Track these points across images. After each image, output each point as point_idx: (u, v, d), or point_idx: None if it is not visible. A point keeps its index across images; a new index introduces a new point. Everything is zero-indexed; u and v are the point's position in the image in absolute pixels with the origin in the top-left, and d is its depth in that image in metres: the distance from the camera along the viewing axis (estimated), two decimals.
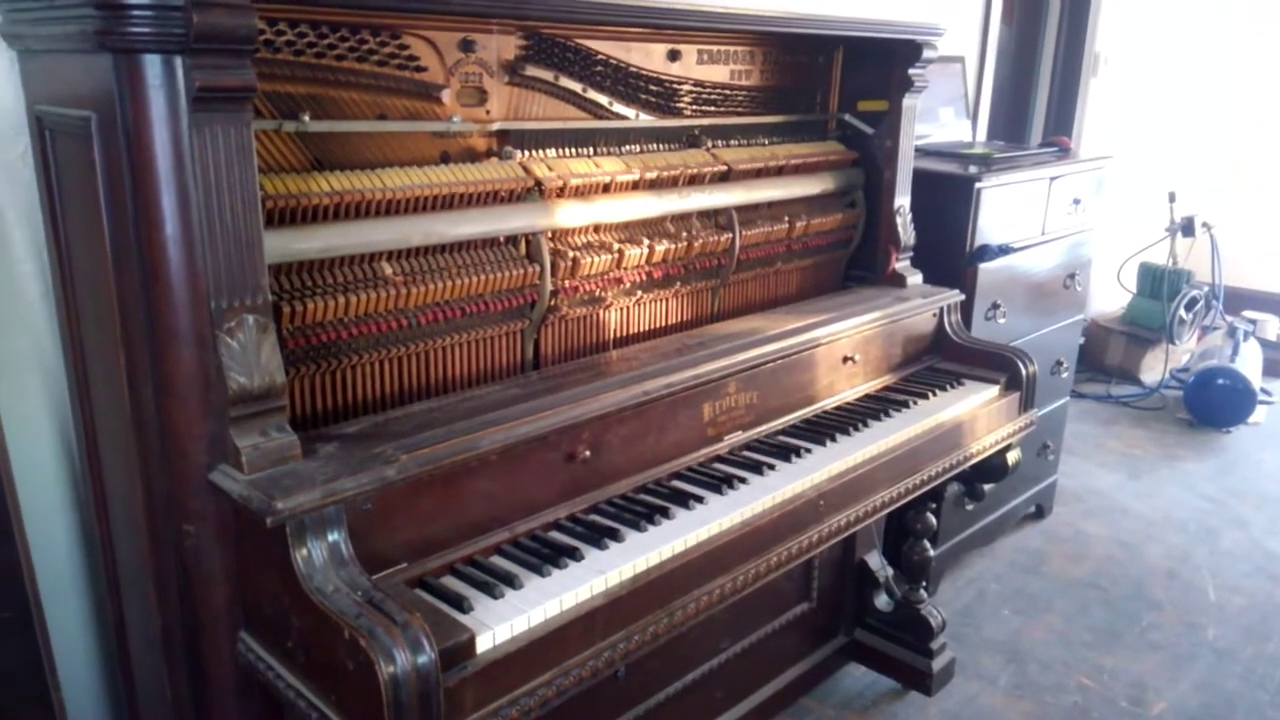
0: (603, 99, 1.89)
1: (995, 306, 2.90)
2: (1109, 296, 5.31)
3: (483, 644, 1.26)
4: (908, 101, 2.32)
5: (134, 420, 1.34)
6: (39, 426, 1.66)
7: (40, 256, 1.60)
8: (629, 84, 1.94)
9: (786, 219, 2.21)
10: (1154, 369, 5.08)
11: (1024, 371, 2.30)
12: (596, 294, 1.86)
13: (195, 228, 1.21)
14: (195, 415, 1.28)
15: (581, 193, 1.80)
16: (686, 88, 2.06)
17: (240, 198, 1.23)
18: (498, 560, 1.45)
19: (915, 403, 2.14)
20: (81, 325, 1.49)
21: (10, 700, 1.42)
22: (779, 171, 2.21)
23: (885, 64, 2.31)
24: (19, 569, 1.40)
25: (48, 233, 1.51)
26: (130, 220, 1.23)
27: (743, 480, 1.73)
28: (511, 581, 1.37)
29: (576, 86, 1.83)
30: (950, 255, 2.75)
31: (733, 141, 2.17)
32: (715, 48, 2.10)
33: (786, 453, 1.85)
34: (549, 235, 1.75)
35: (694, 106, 2.09)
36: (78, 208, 1.39)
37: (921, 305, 2.32)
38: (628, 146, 1.95)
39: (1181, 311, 4.90)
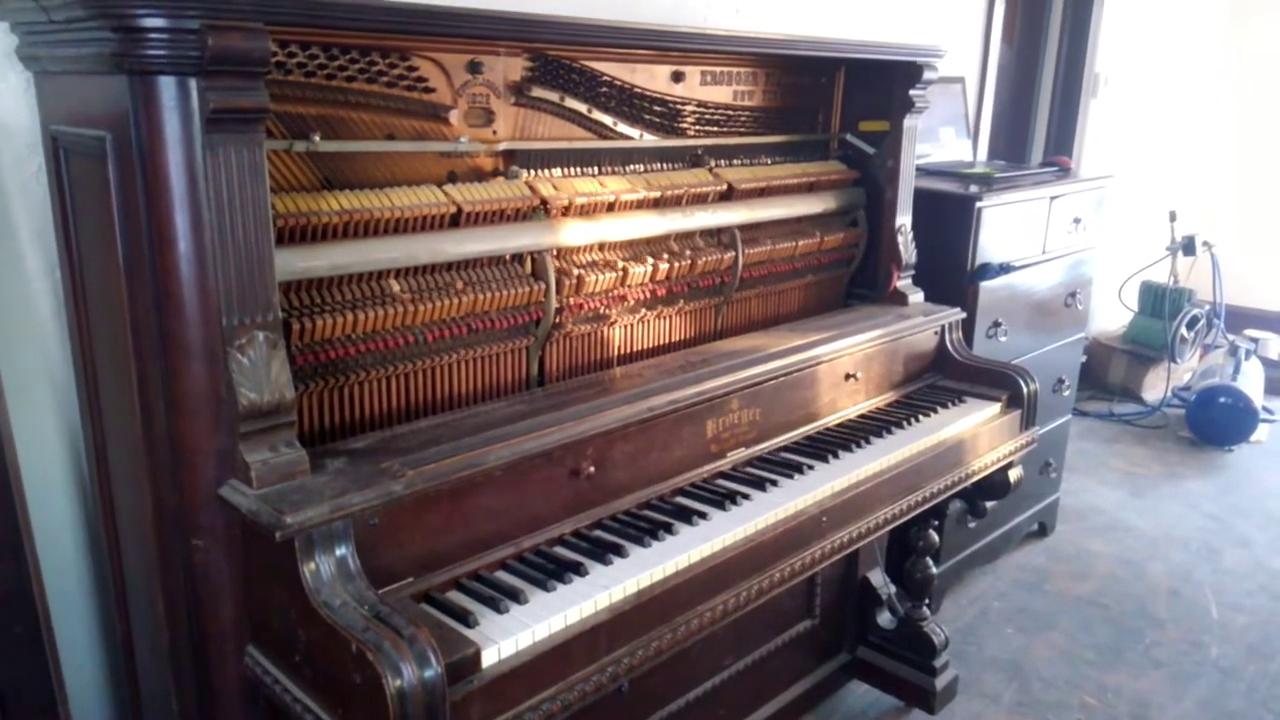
0: (607, 119, 1.91)
1: (996, 325, 2.91)
2: (1110, 315, 5.32)
3: (488, 658, 1.27)
4: (909, 122, 2.35)
5: (144, 435, 1.36)
6: (49, 442, 1.68)
7: (53, 274, 1.62)
8: (633, 105, 1.97)
9: (789, 238, 2.23)
10: (1156, 387, 5.09)
11: (1025, 389, 2.31)
12: (601, 311, 1.88)
13: (208, 246, 1.23)
14: (205, 430, 1.30)
15: (586, 212, 1.82)
16: (690, 108, 2.08)
17: (252, 216, 1.25)
18: (503, 575, 1.47)
19: (917, 420, 2.15)
20: (93, 341, 1.51)
21: (19, 713, 1.42)
22: (781, 191, 2.23)
23: (886, 85, 2.33)
24: (28, 583, 1.41)
25: (60, 250, 1.53)
26: (144, 238, 1.25)
27: (746, 496, 1.74)
28: (517, 596, 1.38)
29: (582, 107, 1.86)
30: (951, 274, 2.77)
31: (735, 161, 2.19)
32: (718, 69, 2.12)
33: (789, 469, 1.86)
34: (554, 253, 1.77)
35: (697, 127, 2.11)
36: (91, 226, 1.41)
37: (923, 323, 2.33)
38: (632, 166, 1.97)
39: (1183, 330, 4.92)
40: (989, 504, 2.49)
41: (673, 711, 2.13)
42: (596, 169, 1.90)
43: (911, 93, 2.30)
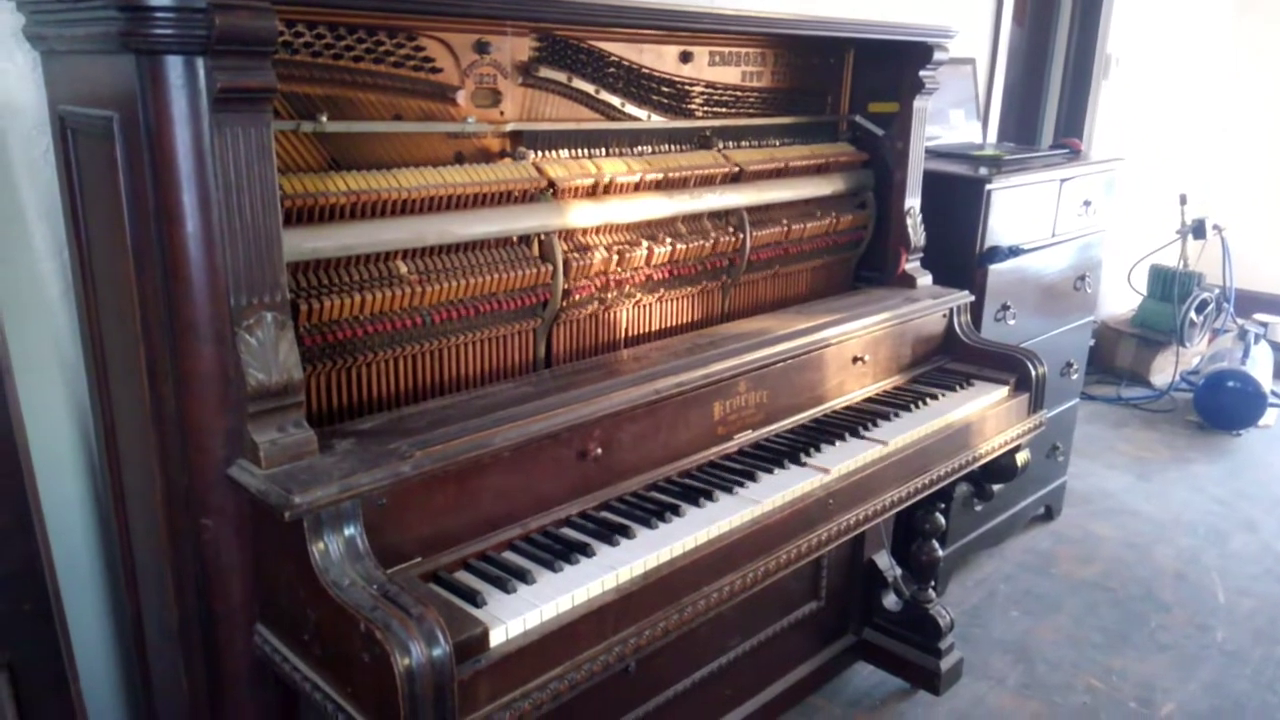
0: (615, 100, 1.91)
1: (1005, 308, 2.90)
2: (1119, 299, 5.30)
3: (496, 638, 1.27)
4: (919, 103, 2.33)
5: (153, 415, 1.36)
6: (59, 422, 1.68)
7: (61, 254, 1.62)
8: (641, 85, 1.95)
9: (797, 220, 2.22)
10: (1164, 371, 5.07)
11: (1033, 373, 2.30)
12: (608, 293, 1.88)
13: (215, 226, 1.23)
14: (214, 411, 1.30)
15: (594, 193, 1.82)
16: (698, 89, 2.07)
17: (260, 197, 1.25)
18: (510, 556, 1.47)
19: (925, 403, 2.15)
20: (101, 322, 1.52)
21: (29, 690, 1.43)
22: (789, 172, 2.22)
23: (896, 66, 2.32)
24: (38, 562, 1.42)
25: (68, 231, 1.53)
26: (151, 218, 1.25)
27: (753, 478, 1.75)
28: (524, 576, 1.39)
29: (589, 88, 1.85)
30: (960, 256, 2.76)
31: (744, 143, 2.18)
32: (727, 49, 2.11)
33: (796, 451, 1.86)
34: (561, 235, 1.77)
35: (705, 108, 2.10)
36: (99, 206, 1.41)
37: (931, 306, 2.33)
38: (640, 148, 1.96)
39: (1192, 314, 4.89)
40: (996, 487, 2.49)
41: (679, 691, 2.14)
42: (604, 150, 1.89)
43: (921, 74, 2.28)
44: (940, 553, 2.57)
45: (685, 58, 2.03)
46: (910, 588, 2.61)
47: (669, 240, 1.94)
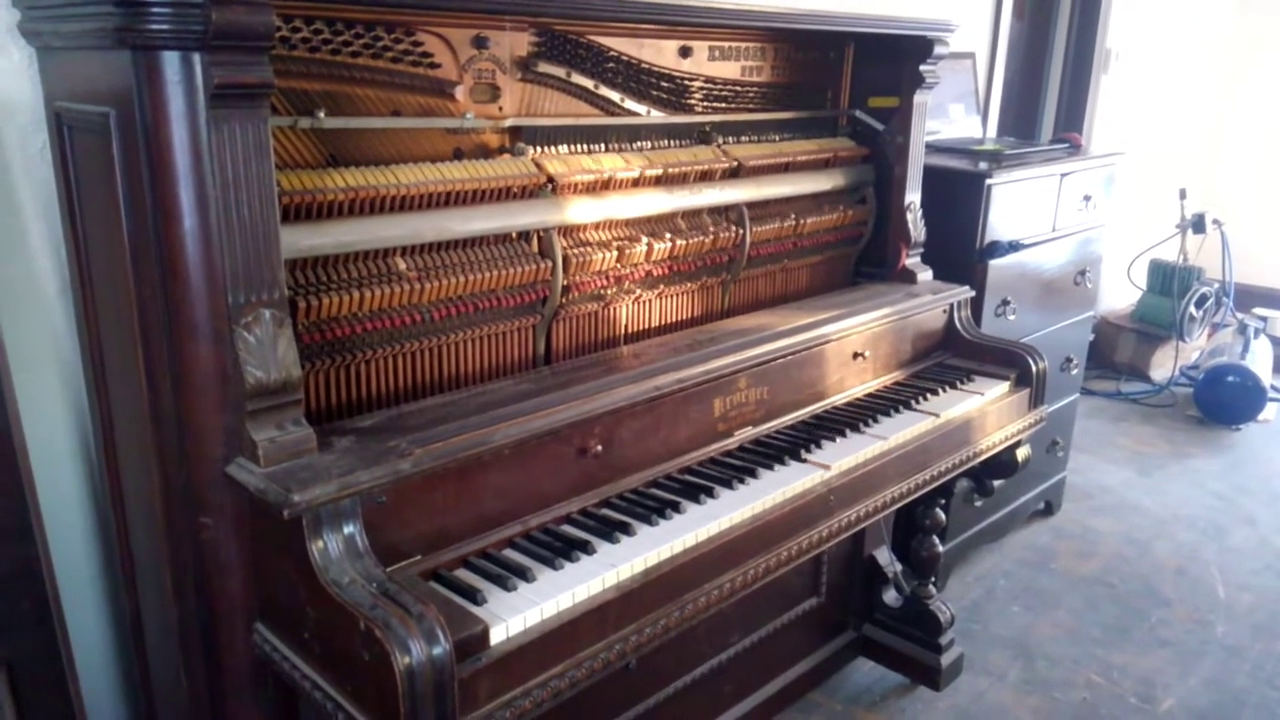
0: (614, 95, 1.90)
1: (1005, 303, 2.90)
2: (1119, 293, 5.29)
3: (496, 636, 1.27)
4: (919, 98, 2.32)
5: (151, 414, 1.35)
6: (57, 421, 1.68)
7: (58, 252, 1.61)
8: (640, 80, 1.95)
9: (797, 215, 2.21)
10: (1164, 366, 5.07)
11: (1034, 368, 2.30)
12: (608, 289, 1.87)
13: (213, 223, 1.23)
14: (212, 409, 1.29)
15: (593, 189, 1.81)
16: (698, 84, 2.06)
17: (257, 193, 1.25)
18: (510, 553, 1.47)
19: (925, 399, 2.14)
20: (99, 320, 1.51)
21: (28, 690, 1.43)
22: (789, 168, 2.21)
23: (897, 60, 2.31)
24: (37, 562, 1.41)
25: (65, 228, 1.52)
26: (148, 215, 1.24)
27: (753, 475, 1.74)
28: (524, 574, 1.38)
29: (588, 83, 1.84)
30: (960, 252, 2.75)
31: (743, 138, 2.17)
32: (727, 44, 2.10)
33: (797, 448, 1.85)
34: (561, 231, 1.76)
35: (705, 103, 2.09)
36: (96, 203, 1.40)
37: (931, 302, 2.32)
38: (639, 143, 1.96)
39: (1192, 308, 4.89)
40: (996, 482, 2.49)
41: (679, 688, 2.14)
42: (603, 146, 1.89)
43: (922, 68, 2.28)
44: (940, 548, 2.57)
45: (685, 53, 2.02)
46: (910, 583, 2.60)
47: (669, 236, 1.94)
